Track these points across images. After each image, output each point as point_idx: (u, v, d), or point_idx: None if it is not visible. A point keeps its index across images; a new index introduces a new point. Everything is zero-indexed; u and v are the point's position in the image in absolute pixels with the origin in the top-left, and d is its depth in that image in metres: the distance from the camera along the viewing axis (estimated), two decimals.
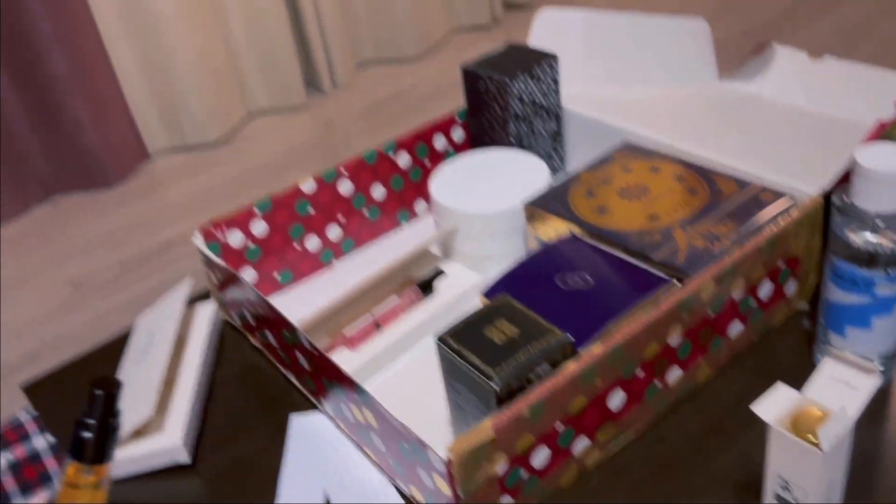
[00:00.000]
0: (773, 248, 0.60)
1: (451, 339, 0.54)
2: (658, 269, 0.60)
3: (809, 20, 1.92)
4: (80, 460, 0.34)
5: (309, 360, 0.60)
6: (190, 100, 1.77)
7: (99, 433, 0.34)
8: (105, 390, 0.33)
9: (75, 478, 0.34)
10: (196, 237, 0.69)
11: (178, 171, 1.79)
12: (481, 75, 0.77)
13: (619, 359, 0.53)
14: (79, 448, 0.34)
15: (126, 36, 1.71)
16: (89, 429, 0.33)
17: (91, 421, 0.33)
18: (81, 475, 0.34)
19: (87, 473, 0.34)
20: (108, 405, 0.34)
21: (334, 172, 0.76)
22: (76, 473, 0.34)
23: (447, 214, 0.72)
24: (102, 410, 0.34)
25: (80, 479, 0.34)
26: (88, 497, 0.34)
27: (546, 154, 0.81)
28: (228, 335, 0.73)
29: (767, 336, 0.64)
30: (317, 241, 0.77)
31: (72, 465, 0.34)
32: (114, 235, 1.60)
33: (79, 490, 0.34)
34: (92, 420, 0.33)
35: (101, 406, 0.33)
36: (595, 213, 0.66)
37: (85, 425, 0.33)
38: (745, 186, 0.65)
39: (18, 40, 1.57)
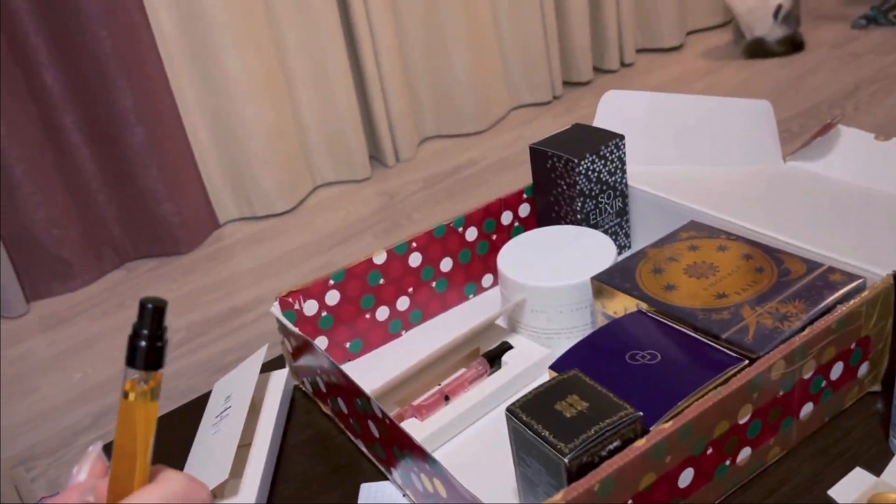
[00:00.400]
0: (843, 328, 0.60)
1: (521, 412, 0.55)
2: (726, 348, 0.61)
3: (871, 100, 1.92)
4: (136, 366, 0.38)
5: (380, 429, 0.61)
6: (260, 173, 1.84)
7: (151, 342, 0.37)
8: (154, 304, 0.38)
9: (131, 390, 0.38)
10: (274, 306, 0.72)
11: (246, 240, 1.85)
12: (549, 154, 0.80)
13: (690, 436, 0.54)
14: (133, 357, 0.37)
15: (202, 111, 1.80)
16: (143, 338, 0.37)
17: (144, 331, 0.37)
18: (137, 386, 0.38)
19: (142, 382, 0.38)
20: (157, 317, 0.38)
21: (405, 245, 0.78)
22: (132, 385, 0.38)
23: (515, 288, 0.74)
24: (152, 322, 0.37)
25: (136, 389, 0.38)
26: (142, 410, 0.38)
27: (612, 231, 0.83)
28: (300, 401, 0.75)
29: (839, 417, 0.64)
30: (386, 312, 0.79)
31: (128, 381, 0.38)
32: (183, 301, 1.65)
33: (134, 404, 0.37)
34: (145, 330, 0.37)
35: (151, 318, 0.38)
36: (662, 290, 0.67)
37: (139, 335, 0.37)
38: (814, 266, 0.66)
39: (101, 113, 1.66)
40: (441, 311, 0.83)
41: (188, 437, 0.71)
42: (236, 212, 1.91)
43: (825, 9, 2.50)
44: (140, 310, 0.38)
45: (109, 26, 1.59)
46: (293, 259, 1.73)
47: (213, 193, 1.87)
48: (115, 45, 1.61)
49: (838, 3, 2.53)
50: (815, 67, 2.12)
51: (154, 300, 0.38)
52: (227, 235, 1.88)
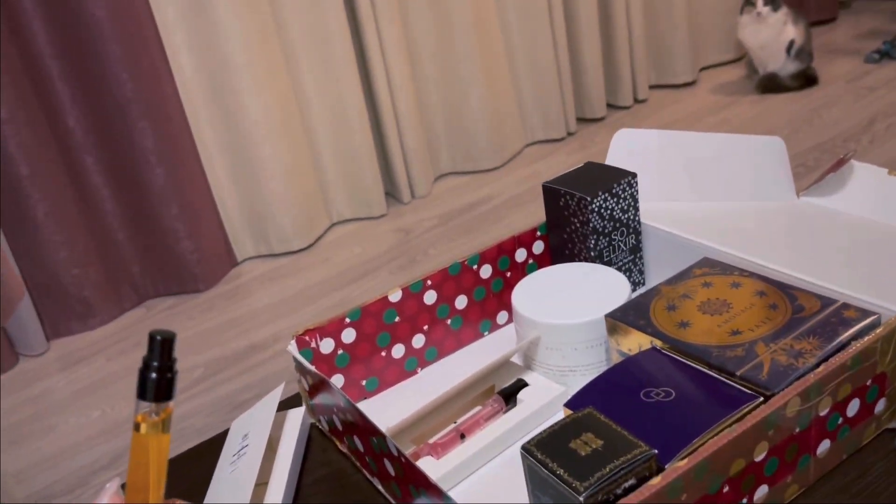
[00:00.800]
0: (858, 365, 0.60)
1: (536, 450, 0.55)
2: (741, 385, 0.61)
3: (887, 133, 1.92)
4: (147, 398, 0.38)
5: (396, 467, 0.62)
6: (277, 211, 1.87)
7: (161, 373, 0.38)
8: (163, 337, 0.38)
9: (144, 423, 0.38)
10: (291, 345, 0.73)
11: (263, 277, 1.87)
12: (562, 192, 0.80)
13: (705, 474, 0.53)
14: (144, 388, 0.38)
15: (220, 151, 1.82)
16: (153, 370, 0.38)
17: (154, 363, 0.38)
18: (148, 418, 0.38)
19: (153, 414, 0.38)
20: (167, 349, 0.38)
21: (420, 283, 0.79)
22: (144, 418, 0.38)
23: (529, 325, 0.74)
24: (162, 354, 0.38)
25: (148, 421, 0.38)
26: (155, 443, 0.38)
27: (626, 268, 0.83)
28: (316, 439, 0.75)
29: (858, 454, 0.63)
30: (402, 350, 0.80)
31: (140, 413, 0.38)
32: (201, 338, 1.67)
33: (146, 436, 0.38)
34: (155, 363, 0.38)
35: (160, 350, 0.38)
36: (676, 327, 0.67)
37: (149, 367, 0.38)
38: (828, 303, 0.66)
39: (122, 154, 1.69)
40: (456, 348, 0.84)
41: (206, 476, 0.72)
42: (253, 249, 1.93)
43: (838, 43, 2.51)
44: (150, 342, 0.39)
45: (131, 70, 1.63)
46: (310, 296, 1.74)
47: (230, 231, 1.89)
48: (137, 87, 1.64)
49: (851, 37, 2.55)
50: (830, 102, 2.13)
51: (163, 332, 0.39)
52: (244, 273, 1.90)
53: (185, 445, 0.79)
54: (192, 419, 1.42)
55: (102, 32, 1.59)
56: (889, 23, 2.58)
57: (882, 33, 2.49)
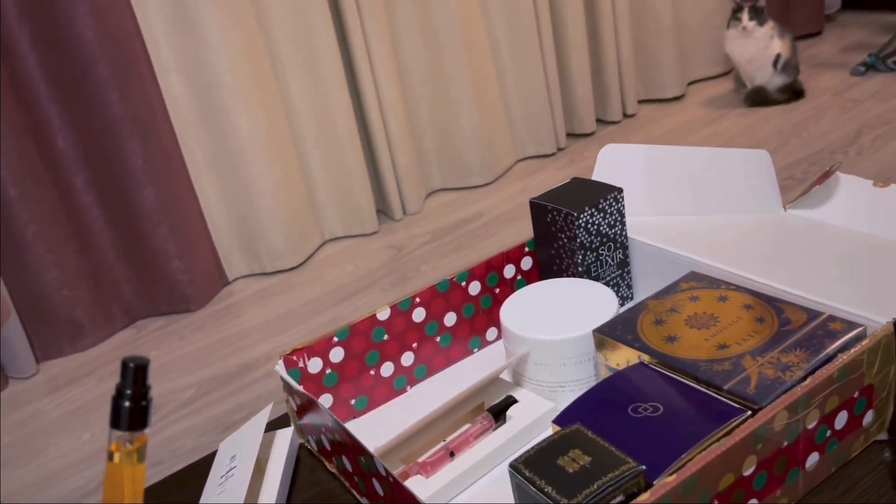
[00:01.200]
0: (845, 377, 0.60)
1: (524, 467, 0.55)
2: (728, 399, 0.60)
3: (873, 145, 1.93)
4: (120, 427, 0.37)
5: (384, 487, 0.61)
6: (268, 229, 1.87)
7: (135, 402, 0.37)
8: (136, 364, 0.37)
9: (118, 452, 0.37)
10: (278, 365, 0.73)
11: (255, 296, 1.86)
12: (549, 208, 0.81)
13: (694, 490, 0.53)
14: (117, 417, 0.37)
15: (211, 170, 1.82)
16: (126, 398, 0.37)
17: (128, 391, 0.37)
18: (123, 447, 0.37)
19: (128, 443, 0.37)
20: (141, 377, 0.37)
21: (409, 301, 0.79)
22: (118, 447, 0.37)
23: (517, 341, 0.74)
24: (135, 381, 0.37)
25: (122, 450, 0.37)
26: (129, 473, 0.37)
27: (614, 283, 0.84)
28: (305, 460, 0.75)
29: (847, 467, 0.63)
30: (391, 368, 0.79)
31: (113, 443, 0.37)
32: (193, 358, 1.66)
33: (120, 466, 0.37)
34: (128, 391, 0.37)
35: (134, 377, 0.37)
36: (664, 342, 0.67)
37: (122, 395, 0.37)
38: (814, 315, 0.66)
39: (112, 174, 1.69)
40: (446, 365, 0.83)
41: (194, 498, 0.71)
42: (245, 268, 1.93)
43: (823, 57, 2.53)
44: (122, 369, 0.38)
45: (120, 90, 1.63)
46: (302, 314, 1.74)
47: (221, 250, 1.89)
48: (126, 107, 1.64)
49: (836, 50, 2.57)
50: (817, 114, 2.14)
51: (136, 359, 0.38)
52: (236, 292, 1.89)
53: (177, 466, 0.79)
54: (184, 440, 1.42)
55: (91, 53, 1.59)
56: (874, 36, 2.61)
57: (867, 46, 2.51)
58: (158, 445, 1.43)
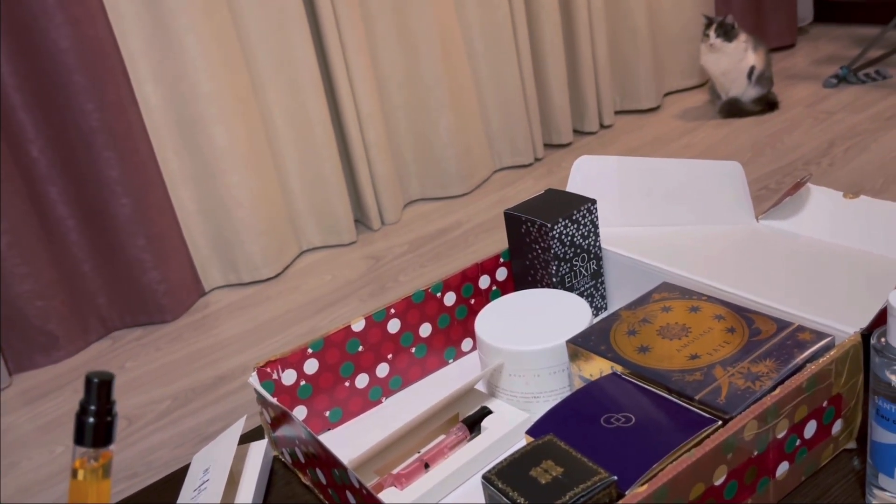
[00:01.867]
0: (814, 387, 0.60)
1: (497, 479, 0.55)
2: (700, 409, 0.61)
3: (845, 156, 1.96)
4: (84, 444, 0.36)
5: (358, 500, 0.61)
6: (245, 240, 1.86)
7: (99, 418, 0.36)
8: (100, 379, 0.36)
9: (82, 469, 0.36)
10: (252, 377, 0.72)
11: (232, 306, 1.85)
12: (523, 219, 0.81)
13: (665, 500, 0.54)
14: (81, 434, 0.36)
15: (187, 180, 1.82)
16: (90, 414, 0.36)
17: (92, 407, 0.36)
18: (87, 464, 0.36)
19: (92, 459, 0.36)
20: (105, 392, 0.36)
21: (384, 312, 0.79)
22: (82, 464, 0.36)
23: (492, 352, 0.74)
24: (99, 397, 0.36)
25: (87, 467, 0.36)
26: (94, 490, 0.36)
27: (588, 293, 0.84)
28: (279, 472, 0.75)
29: (816, 476, 0.64)
30: (366, 379, 0.79)
31: (77, 459, 0.36)
32: (168, 370, 1.65)
33: (85, 483, 0.36)
34: (92, 406, 0.36)
35: (98, 393, 0.36)
36: (636, 352, 0.67)
37: (86, 411, 0.36)
38: (784, 325, 0.67)
39: (87, 185, 1.68)
40: (421, 376, 0.84)
41: None
42: (222, 279, 1.92)
43: (797, 69, 2.57)
44: (86, 385, 0.37)
45: (96, 100, 1.62)
46: (280, 325, 1.73)
47: (198, 261, 1.88)
48: (102, 118, 1.63)
49: (809, 63, 2.60)
50: (790, 126, 2.17)
51: (100, 374, 0.37)
52: (212, 303, 1.88)
53: (152, 479, 0.78)
54: (159, 452, 1.40)
55: (67, 63, 1.59)
56: (846, 48, 2.65)
57: (839, 59, 2.55)
58: (133, 458, 1.41)
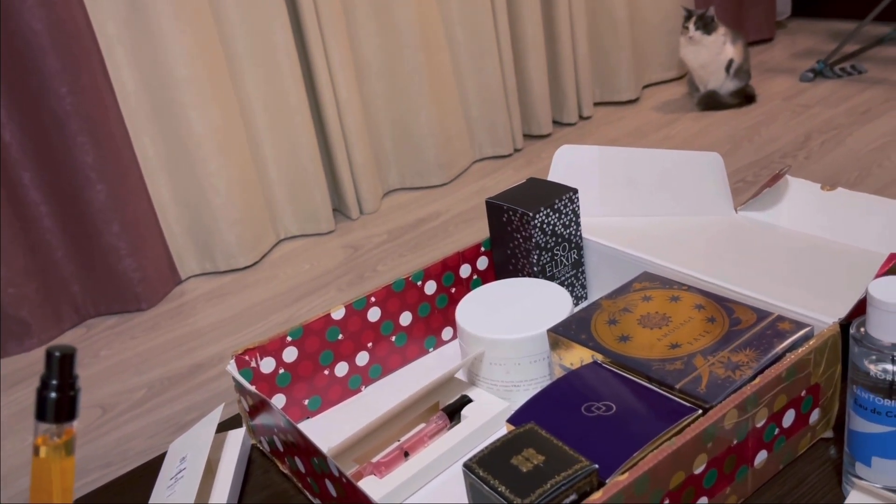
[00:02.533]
0: (793, 376, 0.61)
1: (477, 467, 0.55)
2: (680, 398, 0.61)
3: (821, 149, 1.98)
4: (46, 420, 0.35)
5: (337, 488, 0.61)
6: (222, 228, 1.84)
7: (62, 392, 0.36)
8: (62, 353, 0.36)
9: (44, 446, 0.36)
10: (230, 365, 0.71)
11: (208, 295, 1.83)
12: (505, 208, 0.81)
13: (645, 488, 0.54)
14: (43, 409, 0.35)
15: (163, 167, 1.79)
16: (52, 389, 0.35)
17: (53, 382, 0.35)
18: (50, 440, 0.36)
19: (55, 436, 0.36)
20: (67, 366, 0.36)
21: (364, 300, 0.79)
22: (45, 441, 0.36)
23: (472, 341, 0.74)
24: (61, 372, 0.36)
25: (49, 444, 0.36)
26: (58, 468, 0.36)
27: (568, 283, 0.84)
28: (257, 460, 0.74)
29: (793, 464, 0.64)
30: (346, 368, 0.79)
31: (40, 436, 0.35)
32: (143, 358, 1.63)
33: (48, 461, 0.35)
34: (54, 381, 0.35)
35: (60, 367, 0.36)
36: (617, 341, 0.67)
37: (48, 386, 0.35)
38: (764, 315, 0.67)
39: (61, 170, 1.65)
40: (401, 365, 0.83)
41: (142, 501, 0.70)
42: (198, 267, 1.90)
43: (775, 62, 2.59)
44: (47, 359, 0.36)
45: (70, 84, 1.59)
46: (257, 314, 1.72)
47: (174, 249, 1.86)
48: (76, 102, 1.61)
49: (787, 56, 2.62)
50: (768, 119, 2.19)
51: (62, 348, 0.36)
52: (188, 291, 1.86)
53: (127, 468, 0.77)
54: (134, 441, 1.39)
55: (40, 45, 1.56)
56: (823, 43, 2.67)
57: (817, 53, 2.57)
58: (108, 447, 1.40)
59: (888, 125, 2.04)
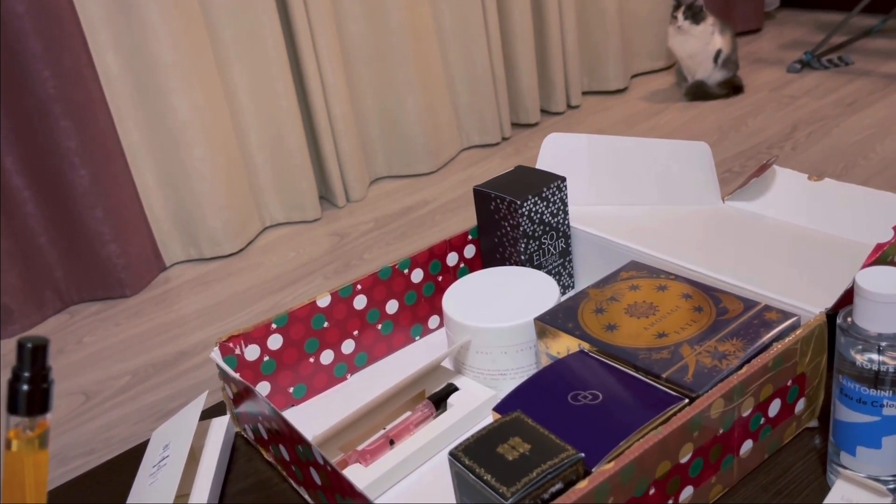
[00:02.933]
0: (779, 366, 0.61)
1: (463, 456, 0.54)
2: (666, 387, 0.61)
3: (808, 140, 1.98)
4: (18, 413, 0.35)
5: (322, 476, 0.60)
6: (207, 214, 1.83)
7: (34, 384, 0.35)
8: (34, 344, 0.35)
9: (16, 440, 0.35)
10: (214, 352, 0.71)
11: (193, 282, 1.82)
12: (492, 196, 0.80)
13: (632, 477, 0.54)
14: (15, 402, 0.35)
15: (148, 152, 1.78)
16: (25, 381, 0.34)
17: (26, 374, 0.34)
18: (22, 434, 0.35)
19: (27, 429, 0.35)
20: (40, 358, 0.35)
21: (350, 288, 0.78)
22: (17, 434, 0.35)
23: (459, 329, 0.73)
24: (34, 363, 0.35)
25: (21, 437, 0.35)
26: (31, 462, 0.35)
27: (555, 272, 0.84)
28: (241, 448, 0.73)
29: (778, 454, 0.64)
30: (331, 355, 0.78)
31: (12, 430, 0.35)
32: (127, 345, 1.62)
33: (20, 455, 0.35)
34: (26, 373, 0.35)
35: (32, 359, 0.35)
36: (604, 330, 0.67)
37: (20, 378, 0.34)
38: (750, 305, 0.67)
39: (44, 154, 1.64)
40: (387, 353, 0.83)
41: (125, 488, 0.69)
42: (183, 254, 1.89)
43: (763, 53, 2.59)
44: (19, 351, 0.35)
45: (53, 67, 1.57)
46: (242, 301, 1.71)
47: (158, 235, 1.84)
48: (59, 85, 1.59)
49: (775, 47, 2.63)
50: (755, 110, 2.19)
51: (34, 339, 0.35)
52: (173, 277, 1.85)
53: (110, 455, 0.77)
54: (118, 428, 1.38)
55: (23, 28, 1.53)
56: (811, 34, 2.67)
57: (804, 44, 2.58)
58: (91, 434, 1.39)
59: (874, 117, 2.05)
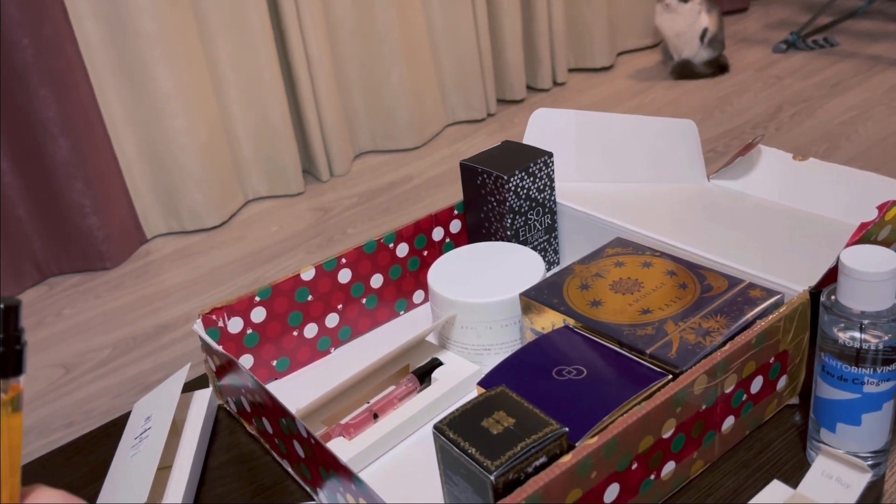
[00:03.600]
0: (762, 343, 0.61)
1: (448, 429, 0.54)
2: (650, 363, 0.61)
3: (792, 121, 1.99)
4: None
5: (305, 449, 0.60)
6: (189, 187, 1.81)
7: (7, 346, 0.34)
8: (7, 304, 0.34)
9: None
10: (197, 324, 0.70)
11: (175, 255, 1.81)
12: (479, 170, 0.80)
13: (615, 452, 0.54)
14: None
15: (129, 123, 1.75)
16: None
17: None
18: None
19: (1, 392, 0.35)
20: (12, 318, 0.35)
21: (334, 261, 0.78)
22: None
23: (444, 304, 0.73)
24: (6, 324, 0.34)
25: None
26: (4, 425, 0.35)
27: (541, 247, 0.84)
28: (224, 421, 0.73)
29: (760, 430, 0.65)
30: (315, 329, 0.78)
31: None
32: (108, 318, 1.60)
33: None
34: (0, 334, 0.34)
35: (4, 320, 0.34)
36: (589, 306, 0.67)
37: None
38: (735, 282, 0.67)
39: (22, 124, 1.61)
40: (371, 327, 0.82)
41: (106, 460, 0.69)
42: (164, 226, 1.87)
43: (749, 33, 2.59)
44: None
45: (31, 34, 1.54)
46: (223, 275, 1.70)
47: (140, 207, 1.83)
48: (37, 53, 1.56)
49: (761, 27, 2.63)
50: (740, 89, 2.19)
51: (7, 300, 0.35)
52: (154, 250, 1.83)
53: (90, 428, 0.76)
54: (98, 401, 1.37)
55: None
56: (797, 14, 2.67)
57: (790, 24, 2.58)
58: (71, 406, 1.38)
59: (857, 98, 2.06)
